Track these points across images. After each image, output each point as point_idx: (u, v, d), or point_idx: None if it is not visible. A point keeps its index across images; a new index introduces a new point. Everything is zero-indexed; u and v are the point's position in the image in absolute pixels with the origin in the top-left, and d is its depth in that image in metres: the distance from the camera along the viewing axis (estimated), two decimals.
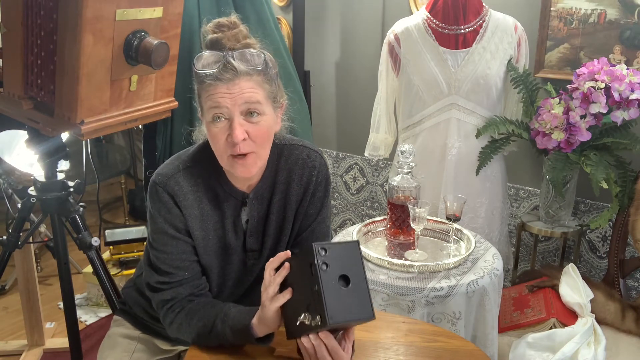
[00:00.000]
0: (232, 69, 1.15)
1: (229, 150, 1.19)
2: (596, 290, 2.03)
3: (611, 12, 2.26)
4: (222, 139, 1.18)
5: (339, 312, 1.02)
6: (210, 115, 1.17)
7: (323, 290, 1.01)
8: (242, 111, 1.17)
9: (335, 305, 1.02)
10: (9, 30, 1.53)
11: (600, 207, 2.46)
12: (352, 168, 3.24)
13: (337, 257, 1.05)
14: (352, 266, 1.06)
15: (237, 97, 1.15)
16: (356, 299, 1.04)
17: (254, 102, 1.17)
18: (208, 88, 1.16)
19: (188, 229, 1.27)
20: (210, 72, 1.15)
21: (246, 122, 1.18)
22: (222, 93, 1.15)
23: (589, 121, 2.04)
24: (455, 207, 1.81)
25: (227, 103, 1.15)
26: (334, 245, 1.06)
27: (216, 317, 1.21)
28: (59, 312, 2.76)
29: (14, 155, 2.04)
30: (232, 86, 1.15)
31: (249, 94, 1.16)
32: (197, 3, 2.18)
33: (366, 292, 1.06)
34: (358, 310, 1.04)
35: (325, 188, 1.37)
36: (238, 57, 1.16)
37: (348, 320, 1.04)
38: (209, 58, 1.16)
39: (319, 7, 3.11)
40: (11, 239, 1.92)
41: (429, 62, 2.16)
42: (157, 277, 1.28)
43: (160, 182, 1.25)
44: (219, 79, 1.15)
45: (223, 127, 1.17)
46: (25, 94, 1.57)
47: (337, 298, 1.02)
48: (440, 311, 1.64)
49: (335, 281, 1.04)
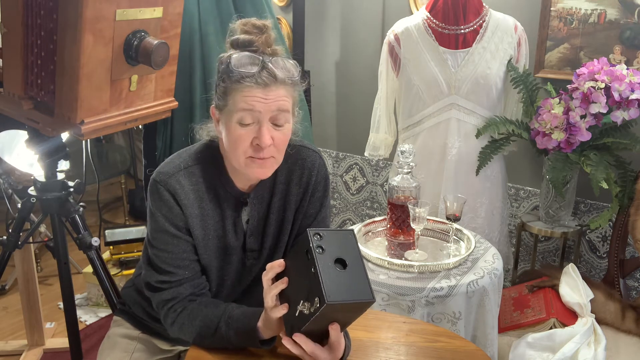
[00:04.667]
0: (271, 75, 1.15)
1: (250, 152, 1.19)
2: (596, 290, 2.03)
3: (611, 12, 2.26)
4: (246, 141, 1.18)
5: (337, 292, 1.01)
6: (239, 116, 1.17)
7: (320, 271, 1.01)
8: (271, 117, 1.18)
9: (333, 285, 1.01)
10: (9, 30, 1.53)
11: (600, 207, 2.46)
12: (352, 168, 3.24)
13: (333, 242, 1.06)
14: (348, 251, 1.06)
15: (271, 103, 1.16)
16: (354, 281, 1.04)
17: (284, 111, 1.18)
18: (243, 89, 1.16)
19: (188, 227, 1.27)
20: (249, 73, 1.15)
21: (272, 128, 1.19)
22: (258, 97, 1.15)
23: (589, 121, 2.04)
24: (455, 207, 1.81)
25: (260, 107, 1.16)
26: (328, 231, 1.07)
27: (220, 319, 1.21)
28: (59, 312, 2.76)
29: (14, 155, 2.04)
30: (269, 92, 1.15)
31: (282, 102, 1.17)
32: (197, 3, 2.18)
33: (364, 275, 1.05)
34: (357, 292, 1.03)
35: (325, 188, 1.37)
36: (275, 63, 1.17)
37: (346, 300, 1.02)
38: (244, 58, 1.16)
39: (319, 7, 3.11)
40: (11, 239, 1.92)
41: (429, 62, 2.16)
42: (157, 276, 1.28)
43: (162, 180, 1.25)
44: (257, 82, 1.15)
45: (250, 130, 1.18)
46: (25, 94, 1.57)
47: (335, 279, 1.02)
48: (440, 311, 1.64)
49: (331, 263, 1.03)
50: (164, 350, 1.49)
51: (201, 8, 2.19)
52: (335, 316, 1.07)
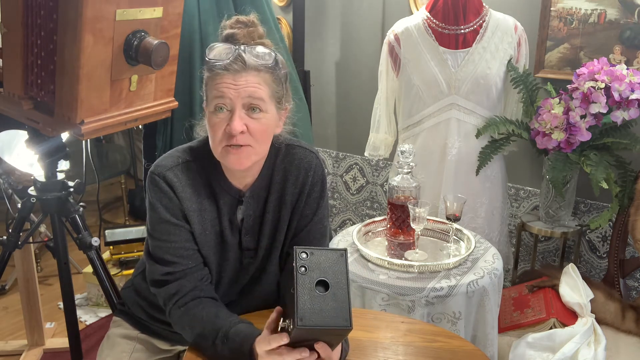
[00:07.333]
0: (241, 62, 1.17)
1: (225, 141, 1.20)
2: (596, 290, 2.03)
3: (611, 12, 2.26)
4: (220, 129, 1.19)
5: (311, 316, 0.98)
6: (213, 105, 1.19)
7: (297, 292, 0.99)
8: (244, 104, 1.18)
9: (308, 308, 0.98)
10: (9, 30, 1.53)
11: (600, 207, 2.46)
12: (352, 168, 3.24)
13: (319, 263, 1.02)
14: (334, 274, 1.02)
15: (241, 89, 1.17)
16: (333, 305, 1.00)
17: (257, 98, 1.18)
18: (215, 77, 1.18)
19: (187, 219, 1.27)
20: (221, 61, 1.17)
21: (247, 116, 1.19)
22: (228, 83, 1.17)
23: (589, 121, 2.04)
24: (455, 207, 1.81)
25: (230, 94, 1.17)
26: (317, 251, 1.03)
27: (216, 336, 1.19)
28: (59, 312, 2.76)
29: (14, 155, 2.04)
30: (238, 78, 1.17)
31: (254, 89, 1.18)
32: (197, 3, 2.18)
33: (345, 301, 1.01)
34: (333, 317, 0.99)
35: (321, 189, 1.37)
36: (249, 51, 1.18)
37: (319, 326, 0.98)
38: (220, 49, 1.19)
39: (319, 7, 3.11)
40: (11, 239, 1.92)
41: (429, 62, 2.16)
42: (161, 268, 1.27)
43: (159, 173, 1.26)
44: (227, 69, 1.17)
45: (224, 118, 1.19)
46: (25, 94, 1.57)
47: (311, 301, 0.99)
48: (440, 311, 1.64)
49: (312, 285, 1.00)
50: (163, 350, 1.50)
51: (201, 8, 2.19)
52: (315, 337, 1.05)
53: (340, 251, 1.05)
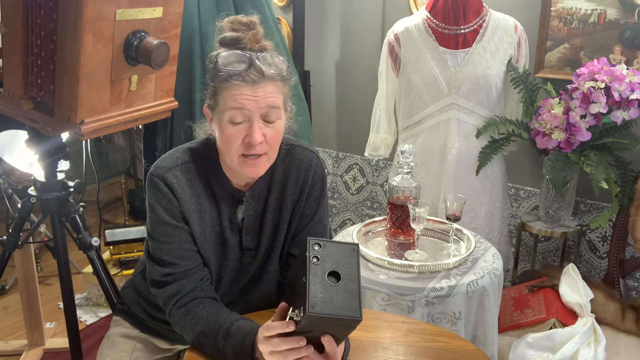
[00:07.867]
0: (258, 72, 1.15)
1: (242, 150, 1.19)
2: (596, 290, 2.03)
3: (611, 12, 2.26)
4: (238, 140, 1.18)
5: (323, 304, 0.99)
6: (230, 115, 1.17)
7: (309, 281, 1.00)
8: (261, 114, 1.18)
9: (320, 296, 0.99)
10: (9, 30, 1.53)
11: (600, 207, 2.46)
12: (352, 168, 3.24)
13: (332, 254, 1.04)
14: (346, 266, 1.04)
15: (261, 100, 1.16)
16: (344, 296, 1.01)
17: (275, 107, 1.18)
18: (231, 87, 1.16)
19: (187, 221, 1.27)
20: (237, 72, 1.15)
21: (264, 125, 1.19)
22: (247, 95, 1.15)
23: (589, 121, 2.04)
24: (455, 207, 1.81)
25: (250, 105, 1.16)
26: (330, 243, 1.05)
27: (217, 333, 1.19)
28: (59, 312, 2.76)
29: (14, 155, 2.04)
30: (257, 89, 1.16)
31: (272, 99, 1.18)
32: (197, 3, 2.18)
33: (356, 293, 1.02)
34: (343, 308, 1.00)
35: (322, 188, 1.37)
36: (263, 60, 1.16)
37: (330, 314, 0.99)
38: (231, 57, 1.16)
39: (319, 7, 3.11)
40: (11, 239, 1.92)
41: (429, 62, 2.16)
42: (160, 269, 1.28)
43: (159, 174, 1.26)
44: (244, 80, 1.15)
45: (241, 128, 1.18)
46: (25, 94, 1.57)
47: (323, 290, 1.00)
48: (440, 311, 1.64)
49: (324, 275, 1.02)
50: (163, 350, 1.50)
51: (201, 8, 2.19)
52: (323, 328, 1.05)
53: (352, 245, 1.07)
